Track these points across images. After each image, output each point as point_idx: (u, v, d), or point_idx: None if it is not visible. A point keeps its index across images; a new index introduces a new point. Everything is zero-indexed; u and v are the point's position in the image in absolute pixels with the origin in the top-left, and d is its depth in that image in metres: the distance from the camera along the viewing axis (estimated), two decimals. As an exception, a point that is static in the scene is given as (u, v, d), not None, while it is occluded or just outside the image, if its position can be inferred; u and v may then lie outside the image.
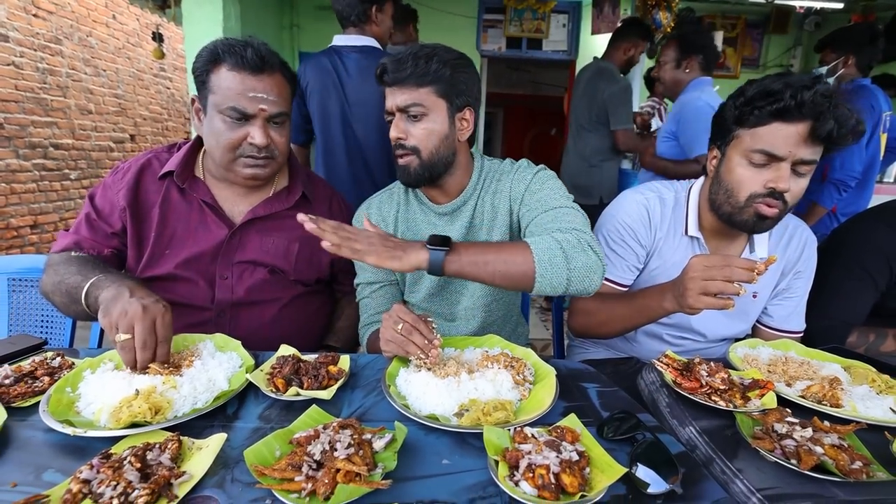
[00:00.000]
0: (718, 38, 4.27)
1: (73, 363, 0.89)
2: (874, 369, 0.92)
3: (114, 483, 0.57)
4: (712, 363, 0.87)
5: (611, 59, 3.00)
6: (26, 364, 0.85)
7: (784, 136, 0.97)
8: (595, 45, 4.74)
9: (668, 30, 3.60)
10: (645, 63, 4.12)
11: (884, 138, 2.26)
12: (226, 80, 1.05)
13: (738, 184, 1.04)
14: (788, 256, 1.20)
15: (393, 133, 1.07)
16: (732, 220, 1.07)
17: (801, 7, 4.15)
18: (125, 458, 0.60)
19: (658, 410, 0.86)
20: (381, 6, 1.86)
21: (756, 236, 1.15)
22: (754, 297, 1.21)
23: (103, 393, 0.77)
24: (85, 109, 5.44)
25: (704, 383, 0.83)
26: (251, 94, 1.05)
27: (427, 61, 1.02)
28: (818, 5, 4.42)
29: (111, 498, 0.55)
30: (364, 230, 0.89)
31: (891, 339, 1.13)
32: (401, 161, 1.08)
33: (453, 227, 1.17)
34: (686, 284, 0.90)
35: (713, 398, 0.81)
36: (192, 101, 1.12)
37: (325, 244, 0.82)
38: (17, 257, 1.42)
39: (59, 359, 0.88)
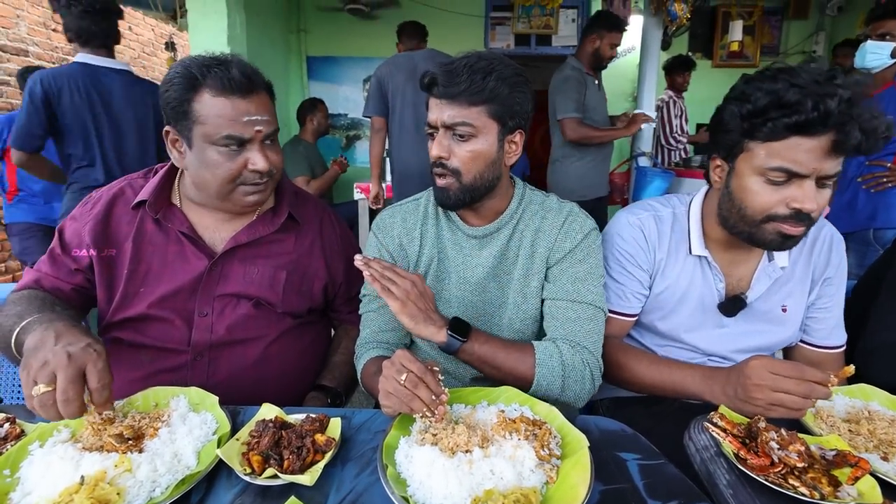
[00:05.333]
0: (737, 27, 4.06)
1: (24, 431, 0.77)
2: None
3: None
4: (784, 430, 0.71)
5: (578, 56, 2.93)
6: (-37, 438, 0.73)
7: (806, 152, 0.83)
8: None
9: (685, 21, 3.41)
10: (660, 56, 3.94)
11: None
12: (213, 107, 0.93)
13: (752, 202, 0.91)
14: (815, 262, 1.07)
15: (435, 151, 0.97)
16: (753, 240, 0.96)
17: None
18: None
19: (717, 490, 0.70)
20: None
21: None
22: (784, 310, 1.07)
23: (45, 478, 0.64)
24: (101, 120, 5.47)
25: (777, 459, 0.67)
26: (245, 118, 0.94)
27: (484, 77, 0.91)
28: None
29: None
30: (411, 276, 0.91)
31: None
32: (439, 181, 0.99)
33: (482, 254, 1.06)
34: (751, 393, 0.81)
35: (790, 481, 0.64)
36: (166, 133, 0.99)
37: (357, 262, 0.87)
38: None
39: (6, 426, 0.76)
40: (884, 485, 0.65)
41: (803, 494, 0.61)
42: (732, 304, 1.06)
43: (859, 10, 4.25)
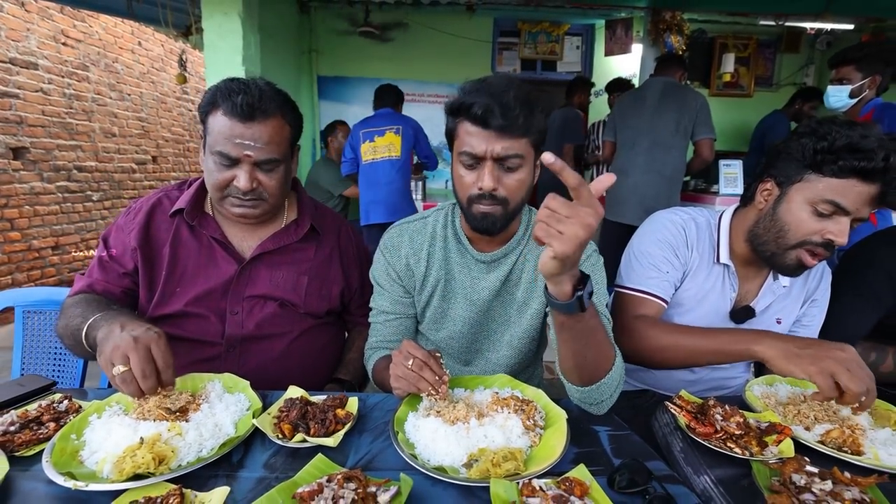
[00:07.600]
0: (730, 59, 4.28)
1: (81, 406, 0.89)
2: (897, 409, 0.89)
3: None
4: (727, 406, 0.84)
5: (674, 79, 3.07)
6: (33, 409, 0.85)
7: (858, 194, 0.96)
8: (609, 66, 4.77)
9: (680, 52, 3.63)
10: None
11: None
12: (217, 124, 1.06)
13: (794, 228, 1.03)
14: (809, 285, 1.22)
15: (488, 183, 0.95)
16: (772, 261, 1.08)
17: (811, 29, 4.14)
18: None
19: (672, 455, 0.84)
20: None
21: None
22: (778, 322, 1.21)
23: (108, 441, 0.77)
24: (109, 133, 5.55)
25: (719, 428, 0.80)
26: (237, 140, 1.05)
27: (531, 110, 0.94)
28: (828, 27, 4.41)
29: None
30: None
31: (890, 357, 1.11)
32: (484, 208, 0.98)
33: (489, 277, 1.12)
34: (828, 359, 0.86)
35: (728, 444, 0.78)
36: (202, 136, 1.15)
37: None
38: (32, 290, 1.45)
39: (66, 402, 0.89)
40: (804, 449, 0.79)
41: (736, 453, 0.76)
42: (744, 313, 1.18)
43: (845, 45, 4.51)
